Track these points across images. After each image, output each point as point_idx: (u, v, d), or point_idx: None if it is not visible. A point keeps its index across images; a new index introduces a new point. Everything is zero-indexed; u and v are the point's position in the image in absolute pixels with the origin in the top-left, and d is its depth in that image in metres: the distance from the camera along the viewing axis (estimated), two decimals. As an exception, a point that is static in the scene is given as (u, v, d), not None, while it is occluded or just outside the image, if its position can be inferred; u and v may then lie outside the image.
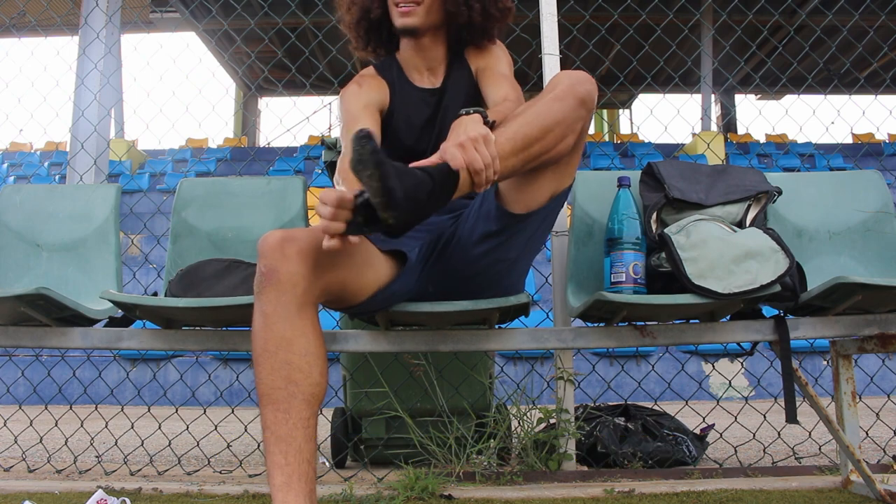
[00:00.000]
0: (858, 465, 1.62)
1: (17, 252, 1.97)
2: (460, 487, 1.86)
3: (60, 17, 4.39)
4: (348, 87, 1.64)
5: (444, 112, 1.66)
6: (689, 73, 11.32)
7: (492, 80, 1.63)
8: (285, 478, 1.09)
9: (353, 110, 1.57)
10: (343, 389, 2.36)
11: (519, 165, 1.24)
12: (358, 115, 1.55)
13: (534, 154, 1.24)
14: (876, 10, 3.09)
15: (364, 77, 1.69)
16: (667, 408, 2.39)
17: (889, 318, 1.52)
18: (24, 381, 4.49)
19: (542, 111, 1.26)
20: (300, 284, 1.15)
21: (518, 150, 1.22)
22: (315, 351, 1.15)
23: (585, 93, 1.28)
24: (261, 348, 1.14)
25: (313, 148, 11.00)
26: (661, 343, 1.54)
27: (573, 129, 1.29)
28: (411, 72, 1.71)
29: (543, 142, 1.24)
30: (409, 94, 1.68)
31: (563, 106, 1.26)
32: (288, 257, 1.15)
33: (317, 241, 1.17)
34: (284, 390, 1.12)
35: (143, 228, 3.80)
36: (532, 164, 1.26)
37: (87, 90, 5.32)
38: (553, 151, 1.27)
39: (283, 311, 1.14)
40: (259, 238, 1.20)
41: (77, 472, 2.20)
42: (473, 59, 1.71)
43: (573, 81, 1.29)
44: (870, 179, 1.92)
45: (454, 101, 1.65)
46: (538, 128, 1.24)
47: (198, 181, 2.07)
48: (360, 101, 1.60)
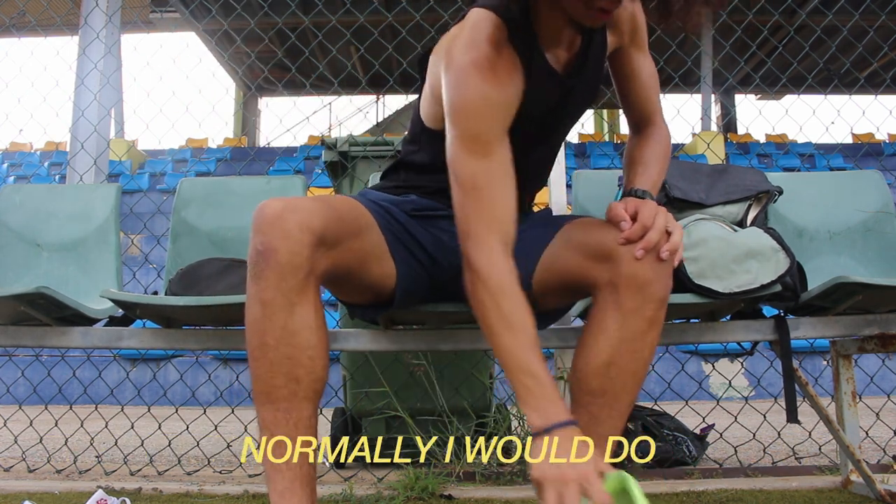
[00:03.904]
0: (858, 465, 1.62)
1: (17, 252, 1.97)
2: (460, 487, 1.86)
3: (60, 17, 4.39)
4: (478, 77, 1.09)
5: (570, 102, 1.27)
6: (689, 73, 11.31)
7: (640, 78, 1.32)
8: (287, 483, 1.00)
9: (488, 142, 1.09)
10: (343, 389, 2.36)
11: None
12: (495, 162, 1.09)
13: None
14: (876, 10, 3.09)
15: (501, 58, 1.12)
16: (667, 408, 2.39)
17: (889, 318, 1.52)
18: (24, 381, 4.49)
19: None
20: (304, 266, 0.99)
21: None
22: (319, 344, 1.02)
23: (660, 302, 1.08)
24: (258, 341, 1.00)
25: (313, 148, 11.00)
26: (661, 343, 1.53)
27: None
28: (549, 45, 1.19)
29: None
30: (542, 81, 1.19)
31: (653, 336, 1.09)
32: (290, 233, 0.98)
33: (324, 211, 1.03)
34: (286, 388, 1.00)
35: (143, 228, 3.80)
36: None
37: (87, 90, 5.33)
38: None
39: (284, 300, 0.98)
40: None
41: (77, 472, 2.20)
42: (617, 28, 1.27)
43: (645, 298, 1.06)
44: (870, 179, 1.92)
45: (583, 87, 1.26)
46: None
47: (198, 180, 2.07)
48: (499, 120, 1.11)
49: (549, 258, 1.19)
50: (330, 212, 1.05)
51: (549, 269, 1.18)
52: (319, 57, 11.17)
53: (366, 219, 1.18)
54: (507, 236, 1.08)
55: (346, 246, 1.09)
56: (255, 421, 1.05)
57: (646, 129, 1.35)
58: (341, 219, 1.09)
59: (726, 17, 2.88)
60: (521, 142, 1.16)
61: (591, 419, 1.09)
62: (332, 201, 1.11)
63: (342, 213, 1.10)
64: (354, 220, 1.14)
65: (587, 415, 1.09)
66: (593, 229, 1.13)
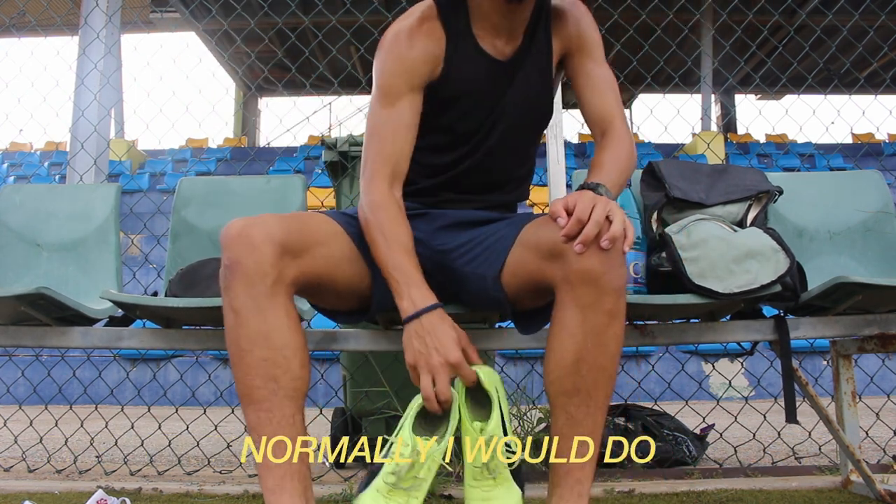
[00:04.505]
0: (858, 465, 1.62)
1: (17, 252, 1.97)
2: (460, 487, 1.86)
3: (60, 17, 4.39)
4: (396, 42, 1.28)
5: (508, 98, 1.35)
6: (689, 73, 11.31)
7: (591, 82, 1.37)
8: (277, 479, 1.04)
9: (394, 94, 1.27)
10: (343, 389, 2.36)
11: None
12: (397, 112, 1.27)
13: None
14: (876, 10, 3.09)
15: (423, 27, 1.29)
16: (667, 408, 2.39)
17: (889, 318, 1.52)
18: (24, 381, 4.48)
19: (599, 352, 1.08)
20: (270, 273, 1.06)
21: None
22: (292, 343, 1.08)
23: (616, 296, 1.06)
24: (235, 347, 1.07)
25: (313, 148, 11.00)
26: (661, 343, 1.54)
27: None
28: (483, 32, 1.31)
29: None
30: (469, 61, 1.31)
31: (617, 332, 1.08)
32: (253, 246, 1.06)
33: (284, 223, 1.10)
34: (265, 389, 1.05)
35: (143, 228, 3.80)
36: None
37: (87, 90, 5.32)
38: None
39: (254, 305, 1.05)
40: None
41: (77, 472, 2.20)
42: (561, 30, 1.37)
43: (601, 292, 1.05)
44: (870, 179, 1.92)
45: (525, 82, 1.35)
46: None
47: (198, 180, 2.07)
48: (406, 77, 1.27)
49: (512, 260, 1.20)
50: (292, 223, 1.13)
51: (514, 273, 1.19)
52: (319, 57, 11.18)
53: (330, 226, 1.24)
54: (396, 174, 1.28)
55: (313, 253, 1.15)
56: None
57: (606, 136, 1.36)
58: (302, 229, 1.15)
59: (726, 17, 2.88)
60: (471, 124, 1.33)
61: (569, 420, 1.09)
62: (295, 215, 1.20)
63: (304, 224, 1.17)
64: (318, 227, 1.20)
65: (565, 416, 1.10)
66: (544, 228, 1.13)
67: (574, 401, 1.09)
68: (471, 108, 1.33)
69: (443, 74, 1.30)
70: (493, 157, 1.38)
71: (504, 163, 1.41)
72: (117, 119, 10.50)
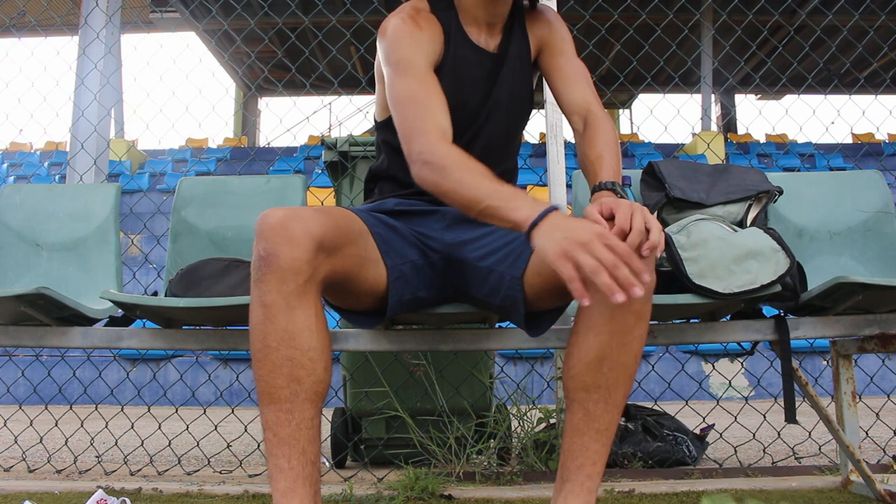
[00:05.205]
0: (858, 465, 1.62)
1: (17, 252, 1.97)
2: (460, 487, 1.86)
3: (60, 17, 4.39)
4: (403, 25, 1.32)
5: (499, 89, 1.40)
6: (689, 73, 11.32)
7: (564, 74, 1.43)
8: (289, 482, 1.02)
9: (417, 66, 1.28)
10: (343, 389, 2.36)
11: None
12: (425, 81, 1.27)
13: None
14: (876, 10, 3.09)
15: (421, 15, 1.35)
16: (667, 408, 2.39)
17: (889, 318, 1.52)
18: (24, 381, 4.49)
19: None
20: (304, 271, 1.03)
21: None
22: (319, 345, 1.04)
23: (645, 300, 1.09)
24: (261, 343, 1.03)
25: (313, 148, 11.00)
26: (661, 343, 1.54)
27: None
28: (469, 23, 1.39)
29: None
30: (465, 53, 1.38)
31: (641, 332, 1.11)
32: (292, 240, 1.02)
33: (322, 219, 1.07)
34: (287, 389, 1.02)
35: (143, 228, 3.81)
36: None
37: (87, 90, 5.33)
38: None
39: (285, 302, 1.02)
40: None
41: (77, 472, 2.20)
42: (535, 29, 1.46)
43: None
44: (870, 179, 1.92)
45: (511, 75, 1.41)
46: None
47: (198, 180, 2.07)
48: (422, 52, 1.30)
49: (536, 261, 1.19)
50: (328, 220, 1.09)
51: (538, 273, 1.19)
52: (319, 57, 11.17)
53: (359, 225, 1.22)
54: (445, 132, 1.22)
55: (345, 252, 1.13)
56: (256, 421, 1.06)
57: (589, 124, 1.38)
58: (338, 226, 1.12)
59: (726, 17, 2.88)
60: (468, 114, 1.35)
61: (586, 415, 1.10)
62: (328, 210, 1.15)
63: (339, 220, 1.14)
64: (349, 227, 1.18)
65: (582, 411, 1.11)
66: None
67: (594, 397, 1.10)
68: (469, 97, 1.37)
69: (443, 62, 1.35)
70: (490, 148, 1.40)
71: (497, 154, 1.43)
72: (117, 119, 10.50)
